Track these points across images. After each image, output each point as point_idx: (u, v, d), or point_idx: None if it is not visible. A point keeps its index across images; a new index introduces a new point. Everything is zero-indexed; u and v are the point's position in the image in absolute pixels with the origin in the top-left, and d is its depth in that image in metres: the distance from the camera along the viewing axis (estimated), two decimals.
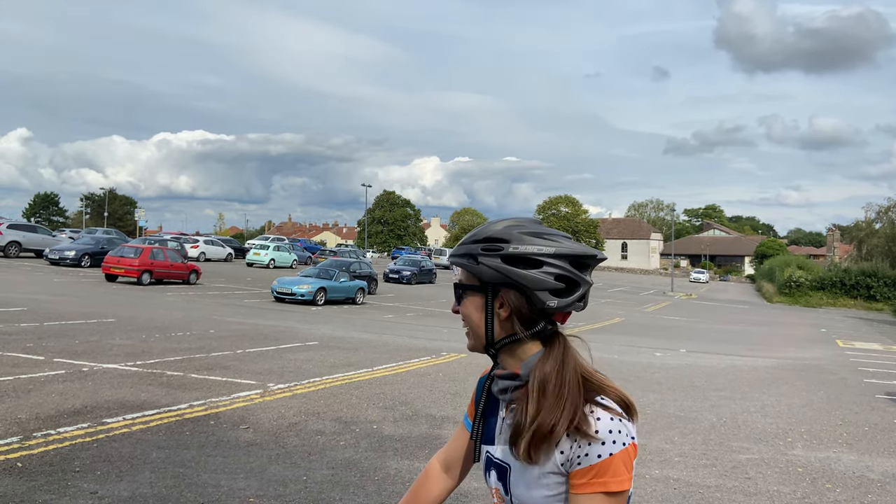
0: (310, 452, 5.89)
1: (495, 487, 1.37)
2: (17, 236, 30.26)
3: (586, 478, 1.23)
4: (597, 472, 1.23)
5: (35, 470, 4.93)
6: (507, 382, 1.34)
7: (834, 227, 69.04)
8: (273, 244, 42.85)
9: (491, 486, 1.39)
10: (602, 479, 1.23)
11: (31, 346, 9.91)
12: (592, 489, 1.23)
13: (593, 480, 1.23)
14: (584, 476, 1.23)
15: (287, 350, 11.54)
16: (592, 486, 1.23)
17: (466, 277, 1.37)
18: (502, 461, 1.35)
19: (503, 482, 1.35)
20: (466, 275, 1.37)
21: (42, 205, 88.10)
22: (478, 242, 1.35)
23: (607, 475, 1.22)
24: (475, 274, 1.34)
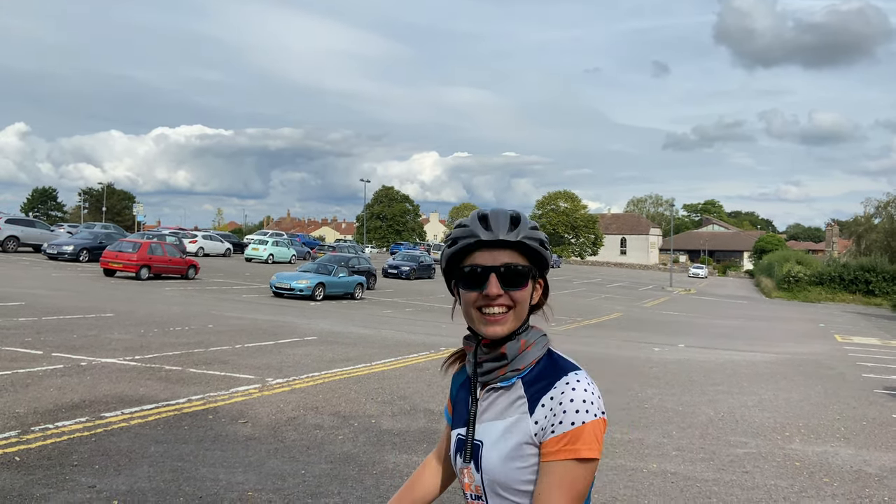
0: (308, 446, 5.89)
1: (467, 467, 1.41)
2: (15, 231, 30.21)
3: (559, 445, 1.28)
4: (569, 440, 1.28)
5: (33, 464, 4.93)
6: (492, 364, 1.40)
7: (833, 223, 69.12)
8: (272, 239, 42.80)
9: (462, 467, 1.43)
10: (574, 446, 1.27)
11: (30, 340, 9.90)
12: (564, 456, 1.27)
13: (566, 447, 1.27)
14: (556, 444, 1.28)
15: (286, 345, 11.54)
16: (565, 453, 1.27)
17: (526, 261, 1.39)
18: (477, 440, 1.40)
19: (475, 460, 1.38)
20: (525, 259, 1.39)
21: (40, 199, 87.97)
22: (538, 230, 1.41)
23: (579, 442, 1.27)
24: (544, 258, 1.41)
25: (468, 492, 1.41)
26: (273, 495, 4.69)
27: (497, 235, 1.36)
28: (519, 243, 1.36)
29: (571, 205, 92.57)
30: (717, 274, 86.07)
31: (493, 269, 1.36)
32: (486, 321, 1.37)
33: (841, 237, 65.16)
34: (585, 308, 27.17)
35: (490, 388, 1.41)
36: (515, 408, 1.36)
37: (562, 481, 1.27)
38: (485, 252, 1.37)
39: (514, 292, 1.36)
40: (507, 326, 1.37)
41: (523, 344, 1.39)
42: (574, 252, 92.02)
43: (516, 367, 1.38)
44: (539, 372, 1.38)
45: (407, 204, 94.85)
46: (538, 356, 1.40)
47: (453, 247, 1.40)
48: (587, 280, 50.80)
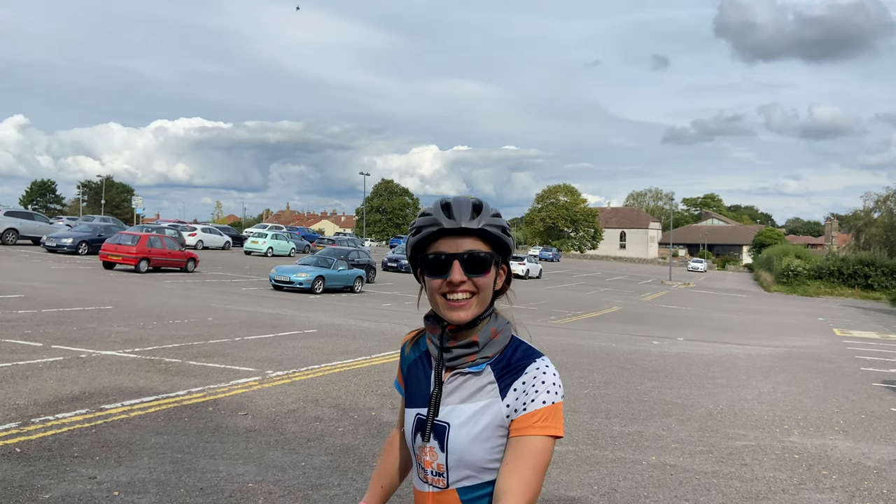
0: (308, 438, 5.90)
1: (430, 446, 1.45)
2: (14, 223, 30.19)
3: (530, 421, 1.36)
4: (540, 417, 1.36)
5: (34, 455, 4.94)
6: (462, 350, 1.45)
7: (832, 217, 69.16)
8: (271, 232, 42.76)
9: (423, 446, 1.47)
10: (544, 423, 1.36)
11: (29, 332, 9.90)
12: (535, 431, 1.35)
13: (537, 424, 1.36)
14: (528, 420, 1.36)
15: (285, 338, 11.55)
16: (535, 429, 1.35)
17: (489, 248, 1.43)
18: (440, 421, 1.45)
19: (439, 440, 1.44)
20: (488, 245, 1.43)
21: (39, 192, 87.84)
22: (499, 217, 1.44)
23: (548, 420, 1.36)
24: (506, 245, 1.45)
25: (429, 468, 1.46)
26: (273, 487, 4.69)
27: (459, 223, 1.39)
28: (481, 231, 1.40)
29: (571, 198, 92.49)
30: (716, 268, 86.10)
31: (457, 256, 1.40)
32: (451, 307, 1.41)
33: (840, 231, 65.21)
34: (585, 302, 27.18)
35: (457, 372, 1.46)
36: (486, 392, 1.42)
37: (531, 453, 1.34)
38: (448, 240, 1.41)
39: (478, 278, 1.40)
40: (471, 312, 1.41)
41: (493, 332, 1.45)
42: (573, 246, 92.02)
43: (486, 355, 1.44)
44: (508, 359, 1.44)
45: (406, 197, 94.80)
46: (505, 343, 1.46)
47: (416, 235, 1.44)
48: (586, 274, 50.81)
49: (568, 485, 5.21)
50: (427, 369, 1.53)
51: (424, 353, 1.56)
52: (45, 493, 4.26)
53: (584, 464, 5.78)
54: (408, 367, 1.60)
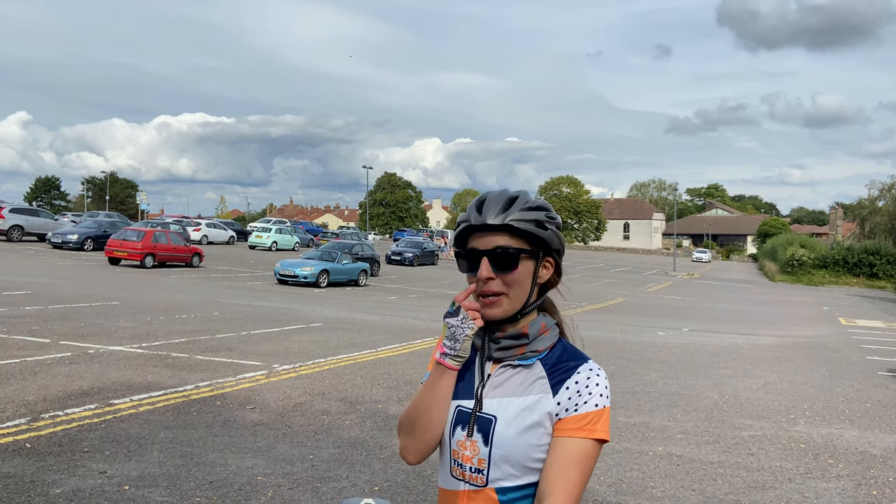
0: (316, 432, 5.93)
1: (473, 440, 1.40)
2: (19, 220, 30.28)
3: (580, 423, 1.35)
4: (591, 420, 1.35)
5: (44, 450, 4.98)
6: (511, 342, 1.43)
7: (837, 206, 68.84)
8: (275, 227, 42.82)
9: (462, 441, 1.41)
10: (594, 426, 1.35)
11: (37, 328, 9.95)
12: (584, 434, 1.34)
13: (587, 427, 1.35)
14: (578, 422, 1.35)
15: (291, 332, 11.58)
16: (584, 432, 1.34)
17: (521, 242, 1.41)
18: (487, 414, 1.40)
19: (484, 433, 1.39)
20: (521, 240, 1.41)
21: (43, 189, 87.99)
22: (539, 209, 1.42)
23: (598, 424, 1.35)
24: (543, 238, 1.42)
25: (468, 464, 1.40)
26: (282, 480, 4.73)
27: (485, 220, 1.39)
28: (507, 226, 1.38)
29: (574, 190, 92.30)
30: (720, 258, 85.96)
31: (485, 252, 1.39)
32: (483, 303, 1.40)
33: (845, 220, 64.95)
34: (589, 293, 27.18)
35: (505, 364, 1.43)
36: (537, 387, 1.39)
37: (577, 456, 1.33)
38: (479, 236, 1.41)
39: (506, 275, 1.38)
40: (503, 309, 1.40)
41: (543, 326, 1.44)
42: (577, 237, 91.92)
43: (535, 349, 1.42)
44: (558, 357, 1.43)
45: (409, 190, 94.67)
46: (553, 342, 1.45)
47: (456, 231, 1.46)
48: (590, 265, 50.78)
49: None
50: (472, 360, 1.47)
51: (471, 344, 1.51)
52: (55, 488, 4.30)
53: None
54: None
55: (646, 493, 4.98)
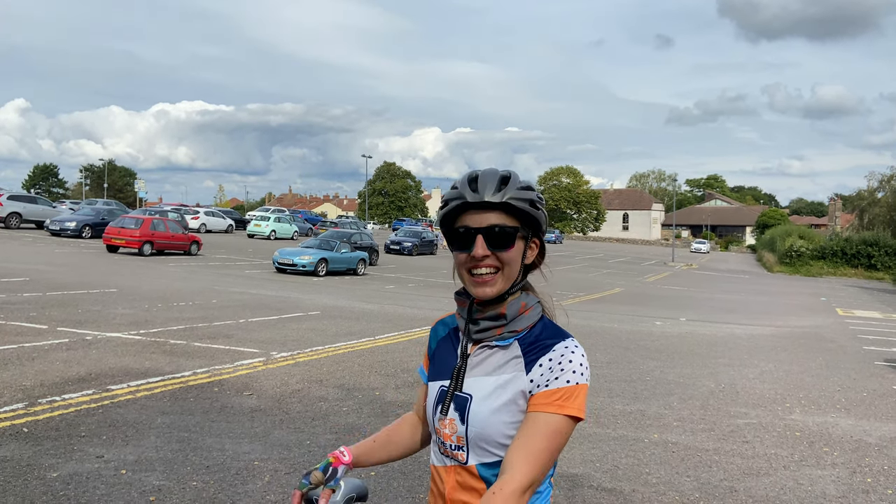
0: (313, 418, 5.95)
1: (450, 418, 1.43)
2: (17, 207, 30.22)
3: (551, 398, 1.32)
4: (562, 396, 1.32)
5: (41, 435, 4.99)
6: (490, 323, 1.43)
7: (836, 197, 68.81)
8: (274, 215, 42.77)
9: (444, 418, 1.44)
10: (565, 402, 1.32)
11: (35, 315, 9.96)
12: (554, 409, 1.32)
13: (557, 402, 1.32)
14: (549, 397, 1.33)
15: (289, 320, 11.59)
16: (555, 407, 1.32)
17: (515, 221, 1.40)
18: (464, 393, 1.42)
19: (460, 413, 1.41)
20: (514, 219, 1.40)
21: (42, 176, 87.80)
22: (531, 189, 1.41)
23: (570, 400, 1.32)
24: (535, 218, 1.41)
25: (448, 442, 1.43)
26: (279, 465, 4.74)
27: (482, 197, 1.37)
28: (505, 204, 1.37)
29: (574, 180, 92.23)
30: (719, 249, 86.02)
31: (480, 230, 1.37)
32: (475, 282, 1.39)
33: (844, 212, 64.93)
34: (587, 283, 27.21)
35: (483, 345, 1.44)
36: (511, 366, 1.39)
37: (544, 430, 1.31)
38: (473, 213, 1.38)
39: (502, 253, 1.38)
40: (496, 287, 1.39)
41: (523, 306, 1.43)
42: (576, 228, 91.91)
43: (514, 329, 1.41)
44: (536, 336, 1.41)
45: (409, 180, 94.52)
46: (534, 321, 1.44)
47: (444, 208, 1.43)
48: (589, 255, 50.80)
49: (570, 462, 5.25)
50: (455, 343, 1.50)
51: (454, 330, 1.54)
52: (52, 472, 4.32)
53: (587, 442, 5.82)
54: (437, 344, 1.57)
55: (641, 479, 5.01)
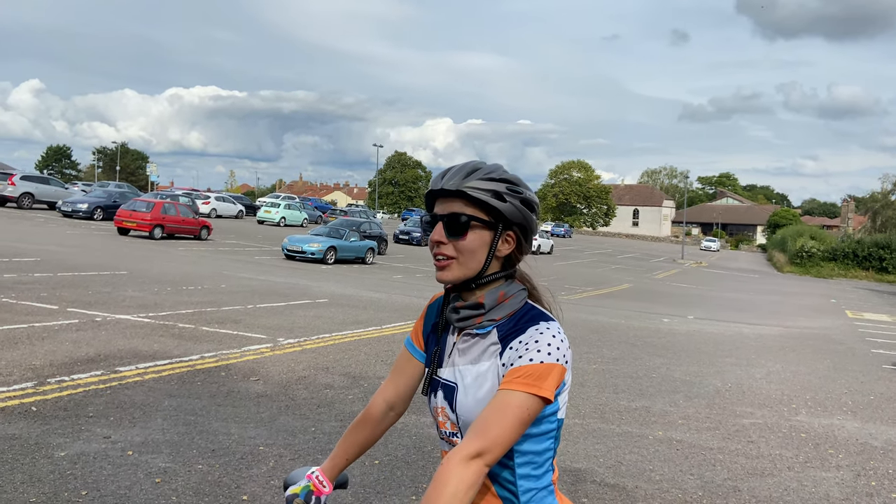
0: (318, 405, 5.98)
1: (441, 406, 1.47)
2: (30, 188, 30.43)
3: (512, 376, 1.32)
4: (524, 374, 1.31)
5: (49, 414, 5.04)
6: (470, 311, 1.44)
7: (849, 198, 68.27)
8: (284, 202, 42.90)
9: (436, 406, 1.49)
10: (526, 380, 1.31)
11: (45, 295, 10.03)
12: (514, 386, 1.30)
13: (517, 379, 1.31)
14: (510, 375, 1.33)
15: (297, 307, 11.64)
16: (515, 384, 1.31)
17: (476, 211, 1.41)
18: (449, 381, 1.46)
19: (449, 401, 1.44)
20: (476, 209, 1.41)
21: (55, 157, 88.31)
22: (501, 181, 1.42)
23: (532, 378, 1.31)
24: (499, 210, 1.41)
25: (443, 429, 1.48)
26: (283, 450, 4.77)
27: (442, 185, 1.41)
28: (461, 192, 1.39)
29: (584, 175, 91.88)
30: (729, 247, 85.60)
31: (442, 217, 1.42)
32: (435, 266, 1.44)
33: (856, 213, 64.45)
34: (595, 278, 27.15)
35: (466, 333, 1.47)
36: (489, 354, 1.41)
37: (498, 403, 1.30)
38: (441, 202, 1.44)
39: (456, 241, 1.40)
40: (452, 273, 1.42)
41: (501, 295, 1.44)
42: (585, 222, 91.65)
43: (493, 318, 1.43)
44: (515, 322, 1.42)
45: (419, 170, 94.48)
46: (516, 308, 1.44)
47: (424, 196, 1.50)
48: (598, 251, 50.68)
49: (574, 457, 5.26)
50: (444, 331, 1.53)
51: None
52: (60, 451, 4.36)
53: (591, 437, 5.82)
54: (432, 326, 1.59)
55: (644, 476, 5.01)
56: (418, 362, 1.60)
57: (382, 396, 1.64)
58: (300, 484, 1.56)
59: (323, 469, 1.60)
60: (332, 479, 1.60)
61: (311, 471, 1.59)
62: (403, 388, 1.62)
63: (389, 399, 1.63)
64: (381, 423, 1.64)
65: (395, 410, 1.64)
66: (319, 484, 1.57)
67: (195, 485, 4.07)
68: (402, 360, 1.63)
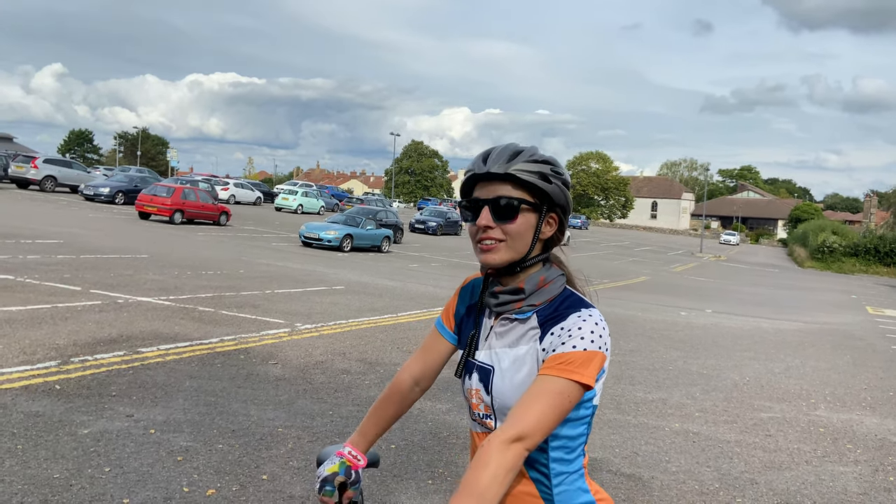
0: (336, 389, 6.03)
1: (476, 388, 1.47)
2: (52, 171, 30.78)
3: (554, 362, 1.32)
4: (566, 360, 1.32)
5: (73, 392, 5.13)
6: (509, 296, 1.44)
7: (872, 193, 67.22)
8: (301, 190, 43.06)
9: (470, 388, 1.49)
10: (567, 366, 1.31)
11: (68, 276, 10.18)
12: (555, 372, 1.31)
13: (559, 365, 1.31)
14: (552, 360, 1.33)
15: (314, 293, 11.71)
16: (556, 370, 1.31)
17: (524, 194, 1.40)
18: (486, 363, 1.46)
19: (484, 383, 1.45)
20: (524, 192, 1.40)
21: (77, 141, 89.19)
22: (545, 163, 1.42)
23: (574, 365, 1.31)
24: (545, 191, 1.41)
25: (476, 411, 1.48)
26: (302, 433, 4.83)
27: (488, 168, 1.40)
28: (510, 175, 1.38)
29: (603, 166, 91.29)
30: (749, 241, 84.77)
31: (486, 201, 1.40)
32: (481, 249, 1.42)
33: (879, 209, 63.45)
34: (612, 270, 27.03)
35: (505, 317, 1.46)
36: (528, 338, 1.41)
37: (540, 388, 1.30)
38: (483, 185, 1.43)
39: (505, 225, 1.39)
40: (500, 255, 1.41)
41: (541, 280, 1.44)
42: (603, 214, 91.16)
43: (533, 303, 1.43)
44: (556, 307, 1.42)
45: (436, 159, 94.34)
46: (555, 294, 1.44)
47: (462, 182, 1.48)
48: (615, 243, 50.41)
49: (590, 446, 5.24)
50: (481, 314, 1.53)
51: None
52: (83, 429, 4.44)
53: (607, 427, 5.83)
54: (466, 308, 1.59)
55: (660, 467, 5.01)
56: (447, 342, 1.62)
57: (409, 372, 1.66)
58: (335, 461, 1.58)
59: (353, 443, 1.63)
60: (363, 451, 1.63)
61: (342, 447, 1.61)
62: (430, 365, 1.64)
63: (416, 375, 1.65)
64: (408, 398, 1.66)
65: (420, 386, 1.66)
66: (353, 458, 1.59)
67: (216, 463, 4.13)
68: (431, 338, 1.65)
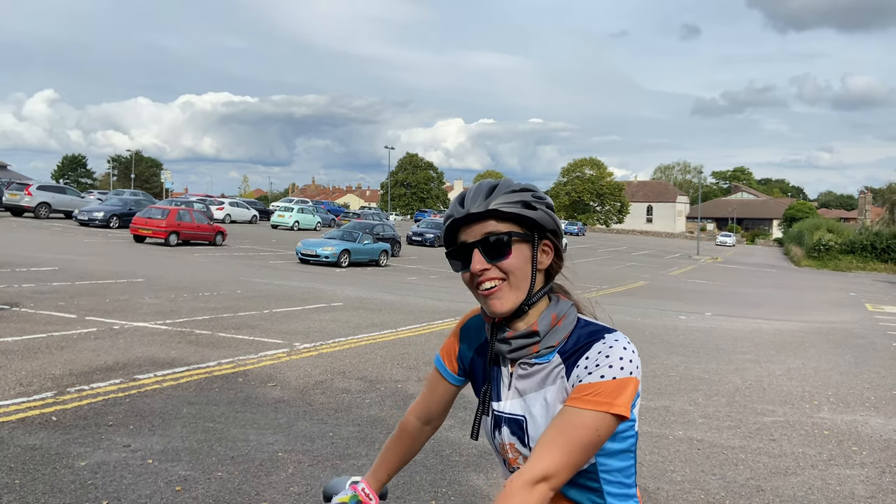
0: (336, 409, 5.98)
1: (510, 443, 1.38)
2: (46, 197, 30.76)
3: (580, 393, 1.25)
4: (592, 391, 1.24)
5: (69, 423, 5.07)
6: (523, 341, 1.34)
7: (866, 190, 67.47)
8: (297, 206, 43.08)
9: (503, 443, 1.39)
10: (594, 397, 1.23)
11: (63, 304, 10.12)
12: (583, 405, 1.23)
13: (587, 396, 1.23)
14: (577, 392, 1.25)
15: (312, 311, 11.66)
16: (584, 402, 1.23)
17: (510, 226, 1.32)
18: (515, 414, 1.37)
19: (519, 435, 1.36)
20: (511, 224, 1.32)
21: (70, 167, 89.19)
22: (524, 191, 1.34)
23: (601, 395, 1.24)
24: (532, 219, 1.32)
25: (515, 465, 1.38)
26: (302, 456, 4.77)
27: (467, 210, 1.31)
28: (492, 212, 1.30)
29: (597, 172, 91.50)
30: (745, 242, 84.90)
31: (475, 244, 1.31)
32: (486, 298, 1.33)
33: (874, 205, 63.66)
34: (610, 276, 27.01)
35: (524, 363, 1.37)
36: (554, 376, 1.33)
37: (569, 424, 1.23)
38: (466, 229, 1.33)
39: (501, 262, 1.30)
40: (508, 301, 1.31)
41: (554, 318, 1.34)
42: (599, 220, 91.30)
43: (550, 344, 1.33)
44: (576, 340, 1.33)
45: (431, 171, 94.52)
46: (570, 330, 1.34)
47: (443, 230, 1.38)
48: (612, 248, 50.44)
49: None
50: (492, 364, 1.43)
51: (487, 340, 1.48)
52: (80, 461, 4.38)
53: None
54: (474, 351, 1.50)
55: (665, 477, 4.96)
56: (449, 384, 1.56)
57: (415, 415, 1.62)
58: (346, 493, 1.54)
59: (368, 482, 1.59)
60: (376, 491, 1.58)
61: (355, 481, 1.57)
62: (436, 406, 1.59)
63: (422, 417, 1.62)
64: (419, 438, 1.62)
65: (430, 425, 1.62)
66: (366, 497, 1.54)
67: (215, 492, 4.08)
68: (434, 380, 1.59)
